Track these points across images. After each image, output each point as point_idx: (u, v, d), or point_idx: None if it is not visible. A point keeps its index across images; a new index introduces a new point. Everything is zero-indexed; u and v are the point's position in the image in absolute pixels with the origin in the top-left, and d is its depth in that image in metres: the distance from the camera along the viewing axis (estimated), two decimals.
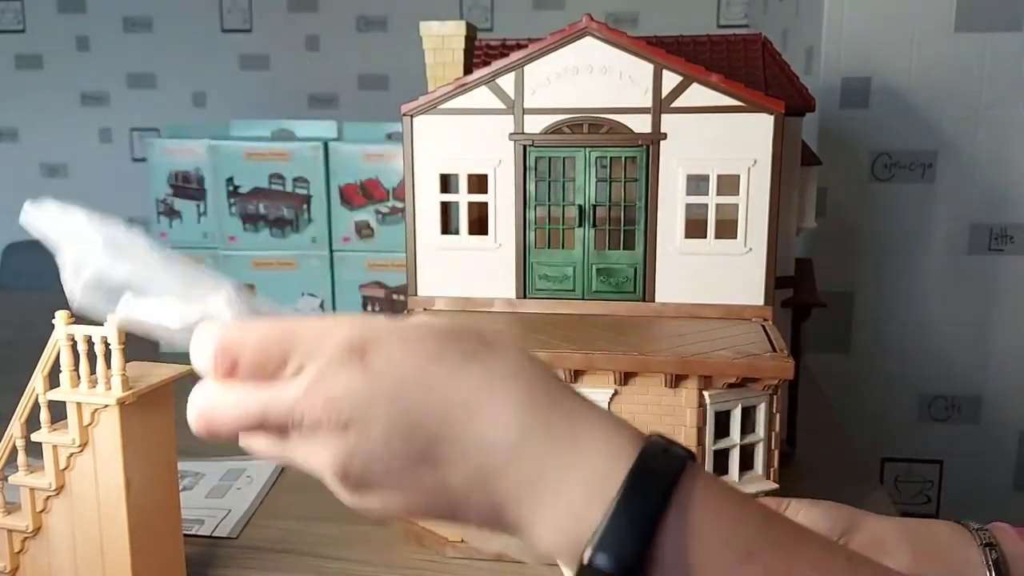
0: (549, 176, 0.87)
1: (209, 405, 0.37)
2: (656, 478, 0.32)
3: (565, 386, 0.36)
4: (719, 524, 0.32)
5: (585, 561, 0.32)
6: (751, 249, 0.85)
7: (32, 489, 0.66)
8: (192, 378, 0.37)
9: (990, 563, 0.51)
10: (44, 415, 0.65)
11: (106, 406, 0.63)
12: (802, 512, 0.54)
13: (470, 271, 0.89)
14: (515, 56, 0.84)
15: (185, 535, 0.74)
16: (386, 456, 0.35)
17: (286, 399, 0.35)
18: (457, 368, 0.35)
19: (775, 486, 0.79)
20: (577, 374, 0.76)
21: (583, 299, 0.88)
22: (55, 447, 0.65)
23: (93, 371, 0.63)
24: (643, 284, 0.87)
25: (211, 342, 0.37)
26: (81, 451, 0.64)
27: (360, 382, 0.35)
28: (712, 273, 0.86)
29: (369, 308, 1.45)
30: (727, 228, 0.85)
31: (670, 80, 0.83)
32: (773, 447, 0.80)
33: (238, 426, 0.37)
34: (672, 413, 0.76)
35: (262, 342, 0.37)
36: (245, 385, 0.37)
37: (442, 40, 0.91)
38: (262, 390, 0.36)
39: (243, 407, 0.36)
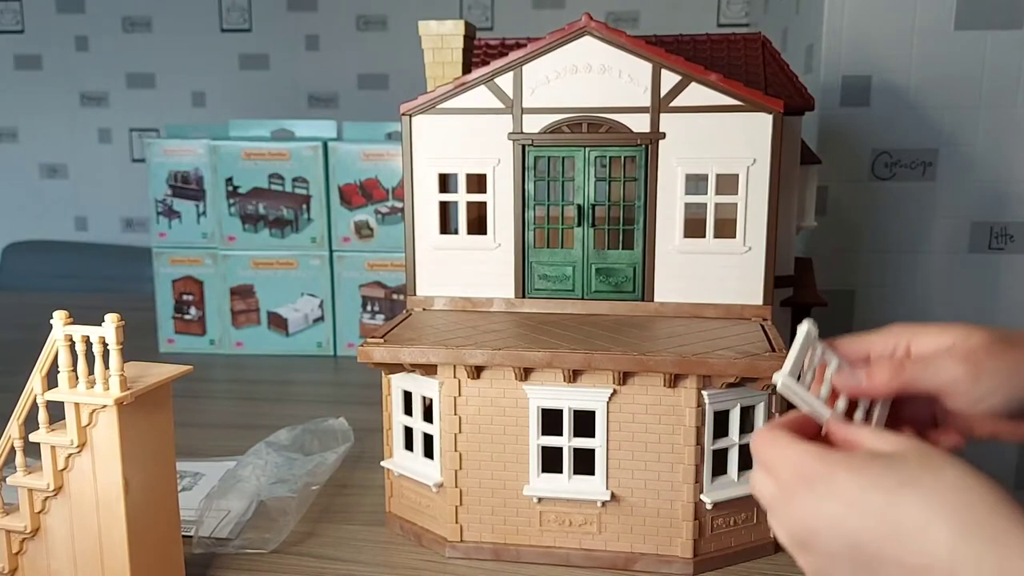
0: (548, 176, 0.87)
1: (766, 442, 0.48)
2: None
3: (1009, 503, 0.39)
4: None
5: None
6: (750, 248, 0.85)
7: (30, 490, 0.66)
8: (191, 378, 0.37)
9: None
10: (42, 415, 0.65)
11: (104, 406, 0.63)
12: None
13: (469, 271, 0.89)
14: (514, 55, 0.84)
15: (184, 536, 0.74)
16: (835, 570, 0.43)
17: (763, 497, 0.47)
18: (893, 495, 0.41)
19: None
20: (576, 374, 0.76)
21: (582, 299, 0.88)
22: (53, 448, 0.65)
23: (91, 371, 0.63)
24: (642, 284, 0.87)
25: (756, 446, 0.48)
26: (79, 452, 0.64)
27: (808, 511, 0.43)
28: (711, 273, 0.86)
29: (369, 308, 1.45)
30: (726, 227, 0.85)
31: (669, 79, 0.83)
32: None
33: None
34: (671, 413, 0.76)
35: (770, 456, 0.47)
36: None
37: (441, 39, 0.91)
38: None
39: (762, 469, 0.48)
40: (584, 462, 0.78)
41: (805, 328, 0.53)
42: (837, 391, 0.53)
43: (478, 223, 0.89)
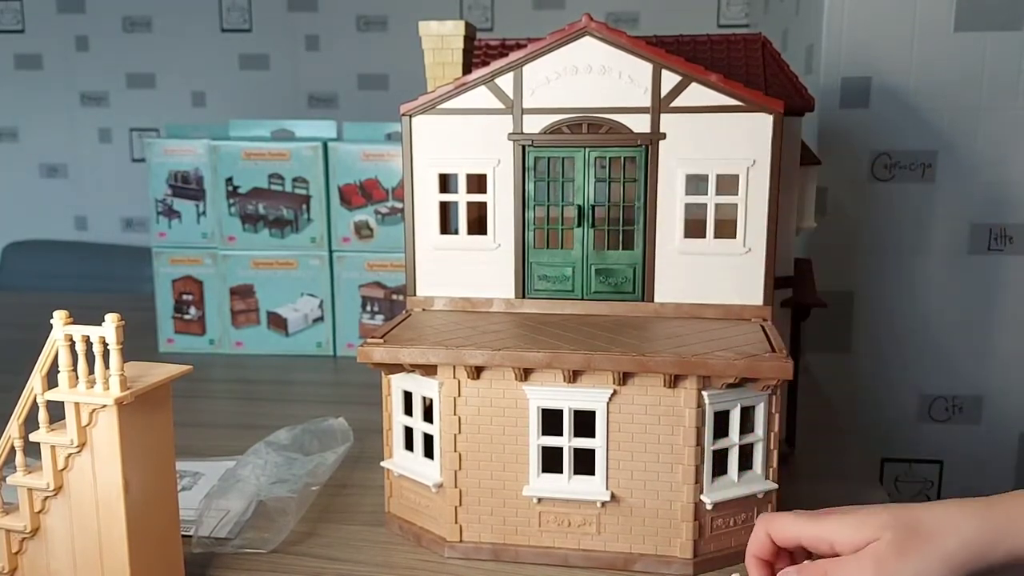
0: (548, 176, 0.87)
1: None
2: None
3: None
4: None
5: None
6: (750, 249, 0.85)
7: (30, 489, 0.66)
8: (191, 378, 0.37)
9: None
10: (42, 415, 0.65)
11: (104, 406, 0.63)
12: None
13: (469, 271, 0.89)
14: (514, 56, 0.84)
15: (183, 535, 0.74)
16: None
17: None
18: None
19: (774, 486, 0.79)
20: (576, 374, 0.76)
21: (582, 299, 0.88)
22: (53, 447, 0.65)
23: (91, 371, 0.63)
24: (642, 284, 0.87)
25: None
26: (79, 451, 0.64)
27: None
28: (711, 273, 0.86)
29: (368, 308, 1.45)
30: (726, 228, 0.85)
31: (669, 80, 0.83)
32: (772, 447, 0.80)
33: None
34: (671, 413, 0.76)
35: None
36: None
37: (441, 40, 0.91)
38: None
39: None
40: (584, 462, 0.78)
41: None
42: None
43: (478, 223, 0.89)
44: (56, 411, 0.64)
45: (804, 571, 0.56)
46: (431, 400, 0.81)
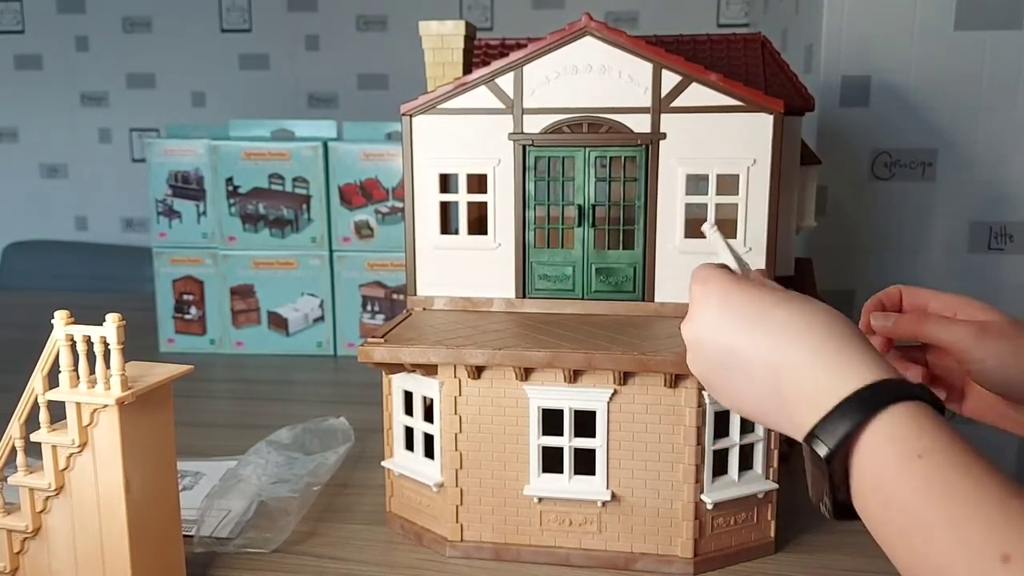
0: (548, 176, 0.87)
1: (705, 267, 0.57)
2: (882, 397, 0.43)
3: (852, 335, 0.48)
4: (908, 433, 0.42)
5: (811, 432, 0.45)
6: (751, 248, 0.85)
7: (31, 489, 0.66)
8: (191, 377, 0.37)
9: None
10: (43, 415, 0.65)
11: (105, 406, 0.63)
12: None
13: (469, 271, 0.89)
14: (514, 56, 0.84)
15: (185, 535, 0.74)
16: (710, 373, 0.54)
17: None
18: (767, 309, 0.51)
19: (774, 486, 0.79)
20: (577, 374, 0.76)
21: (583, 299, 0.88)
22: (54, 447, 0.65)
23: (92, 371, 0.63)
24: (643, 284, 0.87)
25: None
26: (80, 451, 0.64)
27: (698, 318, 0.54)
28: None
29: (369, 308, 1.45)
30: (727, 227, 0.85)
31: (669, 79, 0.83)
32: (772, 447, 0.80)
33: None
34: (672, 412, 0.76)
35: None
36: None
37: (441, 40, 0.91)
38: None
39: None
40: (584, 462, 0.78)
41: (715, 230, 0.65)
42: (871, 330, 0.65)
43: (478, 223, 0.89)
44: (57, 411, 0.64)
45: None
46: (431, 400, 0.81)
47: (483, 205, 0.88)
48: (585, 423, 0.78)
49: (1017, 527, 0.37)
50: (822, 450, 0.44)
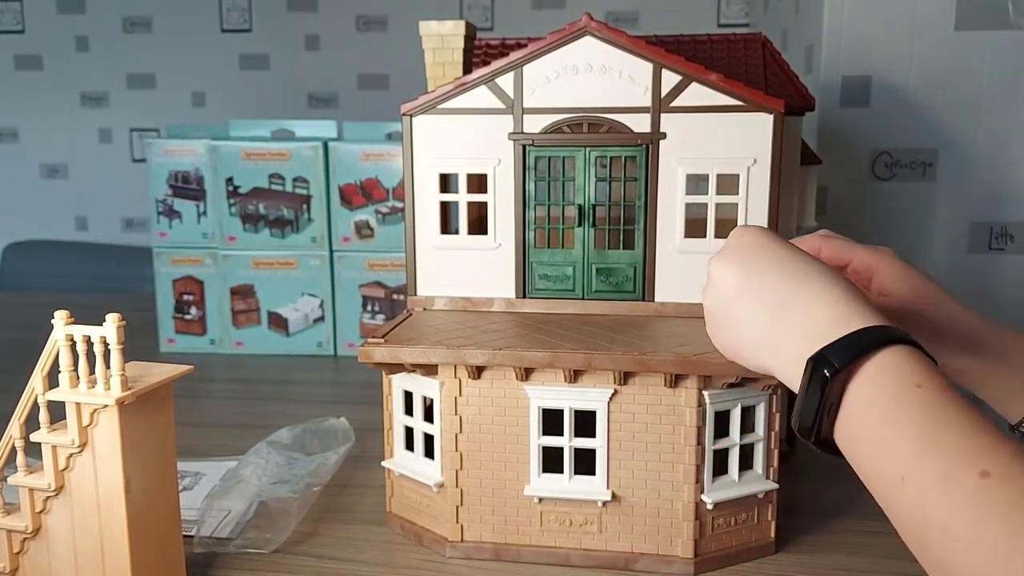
0: (549, 176, 0.87)
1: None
2: (889, 336, 0.47)
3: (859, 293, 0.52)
4: (909, 368, 0.46)
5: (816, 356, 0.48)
6: None
7: (31, 490, 0.66)
8: (191, 378, 0.37)
9: None
10: (43, 415, 0.65)
11: (105, 406, 0.63)
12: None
13: (470, 271, 0.89)
14: (514, 55, 0.84)
15: (185, 535, 0.74)
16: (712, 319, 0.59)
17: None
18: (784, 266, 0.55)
19: (775, 486, 0.79)
20: (577, 374, 0.76)
21: (583, 299, 0.88)
22: (54, 447, 0.65)
23: (92, 371, 0.63)
24: (643, 283, 0.87)
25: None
26: (80, 451, 0.64)
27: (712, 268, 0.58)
28: None
29: (369, 308, 1.45)
30: (727, 227, 0.84)
31: (670, 79, 0.83)
32: (772, 447, 0.80)
33: None
34: (672, 412, 0.76)
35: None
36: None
37: (441, 39, 0.91)
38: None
39: None
40: (585, 462, 0.78)
41: None
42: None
43: (479, 223, 0.89)
44: (57, 411, 0.64)
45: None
46: (431, 400, 0.81)
47: (483, 205, 0.88)
48: (585, 423, 0.78)
49: (1002, 450, 0.40)
50: (829, 368, 0.47)
